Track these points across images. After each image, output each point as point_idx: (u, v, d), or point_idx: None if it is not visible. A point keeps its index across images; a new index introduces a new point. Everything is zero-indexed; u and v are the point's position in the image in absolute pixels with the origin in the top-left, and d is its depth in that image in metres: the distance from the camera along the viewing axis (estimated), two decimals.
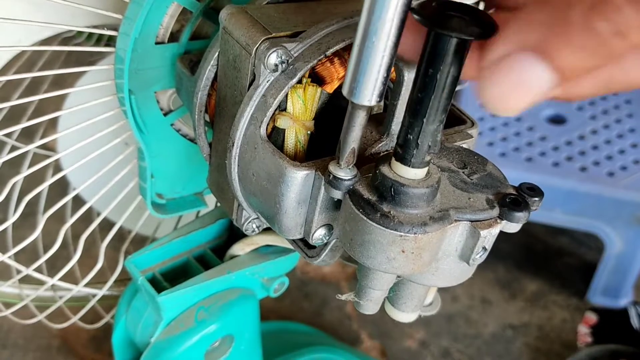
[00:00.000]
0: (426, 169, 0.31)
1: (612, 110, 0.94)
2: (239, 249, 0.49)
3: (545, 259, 0.97)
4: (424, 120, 0.28)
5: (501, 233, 0.33)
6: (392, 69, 0.27)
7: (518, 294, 0.92)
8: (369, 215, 0.30)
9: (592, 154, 0.87)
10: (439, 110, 0.28)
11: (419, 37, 0.27)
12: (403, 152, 0.30)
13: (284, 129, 0.36)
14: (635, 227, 0.83)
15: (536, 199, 0.33)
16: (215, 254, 0.50)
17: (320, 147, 0.37)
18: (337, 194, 0.32)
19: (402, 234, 0.30)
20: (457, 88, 0.76)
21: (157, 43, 0.44)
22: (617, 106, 0.94)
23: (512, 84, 0.23)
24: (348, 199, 0.32)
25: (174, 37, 0.45)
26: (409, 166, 0.30)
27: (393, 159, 0.31)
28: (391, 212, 0.30)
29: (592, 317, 0.89)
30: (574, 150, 0.87)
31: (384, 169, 0.31)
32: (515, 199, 0.33)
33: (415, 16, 0.26)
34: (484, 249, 0.33)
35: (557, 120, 0.93)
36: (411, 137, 0.29)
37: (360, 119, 0.30)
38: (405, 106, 0.29)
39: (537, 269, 0.95)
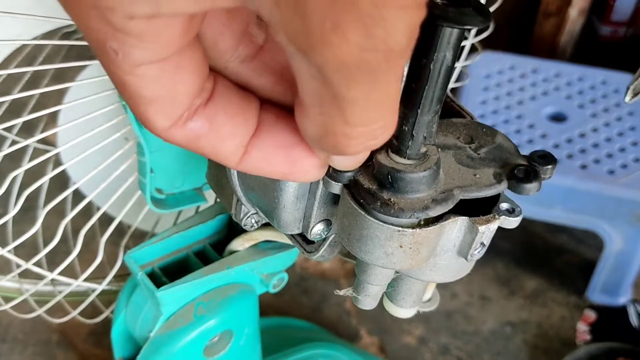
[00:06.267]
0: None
1: (612, 108, 0.93)
2: (239, 244, 0.49)
3: (545, 257, 0.97)
4: (419, 111, 0.28)
5: (501, 230, 0.33)
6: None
7: (517, 291, 0.92)
8: (370, 205, 0.30)
9: (593, 151, 0.87)
10: (434, 101, 0.28)
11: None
12: (398, 144, 0.30)
13: None
14: (634, 225, 0.83)
15: (548, 166, 0.31)
16: (214, 250, 0.50)
17: None
18: (336, 188, 0.32)
19: (399, 228, 0.30)
20: (457, 85, 0.75)
21: None
22: (618, 104, 0.94)
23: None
24: (346, 193, 0.31)
25: None
26: (405, 158, 0.30)
27: (389, 149, 0.30)
28: (391, 200, 0.30)
29: (591, 315, 0.89)
30: (575, 148, 0.87)
31: (381, 157, 0.30)
32: (525, 170, 0.31)
33: None
34: (482, 244, 0.32)
35: (558, 117, 0.93)
36: (406, 129, 0.29)
37: None
38: (400, 97, 0.29)
39: (537, 267, 0.95)
